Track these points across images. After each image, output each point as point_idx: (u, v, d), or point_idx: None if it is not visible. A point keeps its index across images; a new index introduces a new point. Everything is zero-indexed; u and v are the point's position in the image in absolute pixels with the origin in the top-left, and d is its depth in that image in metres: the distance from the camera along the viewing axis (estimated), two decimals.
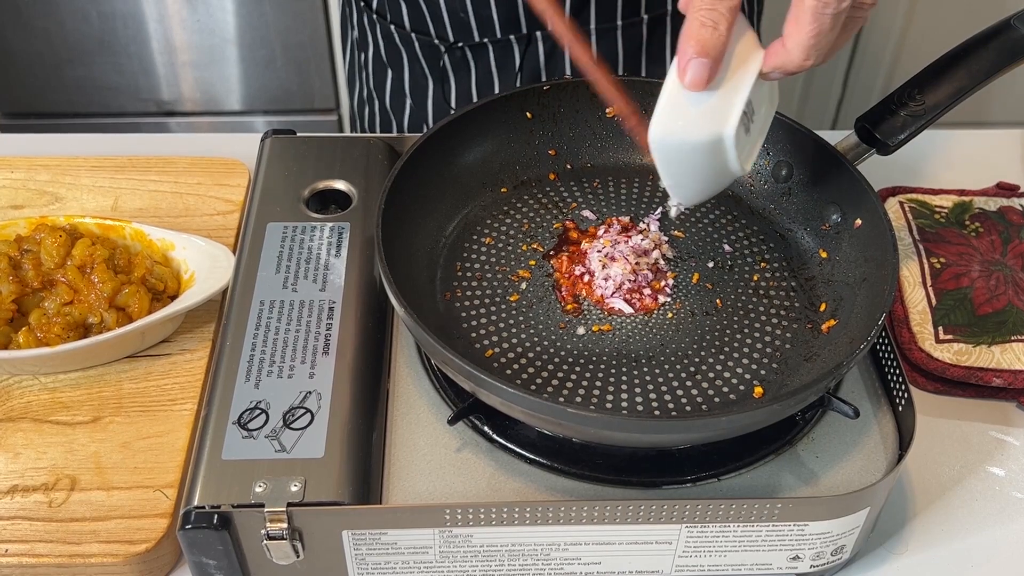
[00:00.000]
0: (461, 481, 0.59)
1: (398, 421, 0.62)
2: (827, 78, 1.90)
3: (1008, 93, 1.87)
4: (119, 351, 0.69)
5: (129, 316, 0.69)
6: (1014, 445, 0.69)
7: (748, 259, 0.70)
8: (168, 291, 0.71)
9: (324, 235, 0.70)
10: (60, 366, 0.68)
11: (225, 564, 0.56)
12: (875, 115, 0.68)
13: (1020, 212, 0.81)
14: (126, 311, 0.69)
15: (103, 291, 0.68)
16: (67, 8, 1.73)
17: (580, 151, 0.77)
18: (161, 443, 0.64)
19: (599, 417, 0.55)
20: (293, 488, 0.55)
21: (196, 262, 0.72)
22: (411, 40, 0.95)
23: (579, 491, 0.59)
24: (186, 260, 0.73)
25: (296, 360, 0.62)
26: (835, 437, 0.62)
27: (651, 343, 0.64)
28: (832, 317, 0.65)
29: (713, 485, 0.59)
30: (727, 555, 0.58)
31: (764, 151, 0.74)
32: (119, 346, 0.68)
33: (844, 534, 0.58)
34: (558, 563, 0.58)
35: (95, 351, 0.67)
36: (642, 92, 0.75)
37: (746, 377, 0.62)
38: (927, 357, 0.70)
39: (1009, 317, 0.72)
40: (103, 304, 0.68)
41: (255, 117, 1.90)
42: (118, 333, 0.66)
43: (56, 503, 0.61)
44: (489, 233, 0.71)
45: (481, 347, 0.63)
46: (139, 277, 0.70)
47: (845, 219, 0.69)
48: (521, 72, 0.94)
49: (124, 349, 0.69)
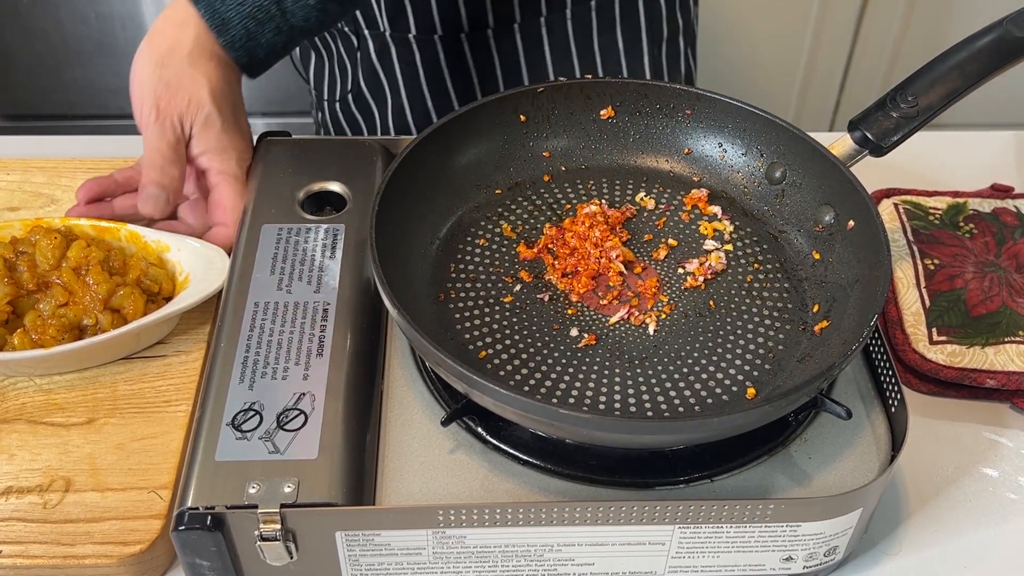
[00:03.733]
0: (454, 482, 0.59)
1: (392, 422, 0.62)
2: (824, 80, 1.90)
3: (1002, 95, 1.87)
4: (114, 352, 0.69)
5: (124, 318, 0.69)
6: (1007, 446, 0.69)
7: (741, 260, 0.70)
8: (163, 293, 0.72)
9: (319, 237, 0.70)
10: (55, 368, 0.68)
11: (219, 565, 0.56)
12: (868, 117, 0.68)
13: (1014, 213, 0.81)
14: (121, 313, 0.69)
15: (98, 293, 0.68)
16: (66, 10, 1.73)
17: (574, 153, 0.77)
18: (155, 444, 0.64)
19: (592, 418, 0.55)
20: (286, 489, 0.55)
21: (191, 264, 0.72)
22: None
23: (572, 492, 0.59)
24: (181, 262, 0.73)
25: (290, 361, 0.62)
26: (828, 438, 0.62)
27: (644, 344, 0.64)
28: (825, 318, 0.65)
29: (706, 486, 0.59)
30: (720, 556, 0.58)
31: (758, 152, 0.74)
32: (114, 348, 0.68)
33: (837, 535, 0.58)
34: (551, 564, 0.58)
35: (90, 352, 0.67)
36: (636, 94, 0.76)
37: (739, 378, 0.62)
38: (921, 358, 0.70)
39: (1003, 319, 0.72)
40: (98, 306, 0.68)
41: (253, 119, 1.88)
42: (113, 335, 0.66)
43: (51, 504, 0.61)
44: (483, 235, 0.71)
45: (474, 348, 0.63)
46: (134, 279, 0.70)
47: (838, 220, 0.69)
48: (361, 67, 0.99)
49: (119, 350, 0.69)
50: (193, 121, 0.73)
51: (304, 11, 0.73)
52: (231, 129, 0.75)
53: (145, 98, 0.73)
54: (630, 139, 0.77)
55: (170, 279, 0.73)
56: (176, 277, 0.73)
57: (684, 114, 0.76)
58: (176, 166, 0.73)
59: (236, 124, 0.76)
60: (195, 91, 0.73)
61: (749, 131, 0.74)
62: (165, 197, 0.73)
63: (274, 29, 0.73)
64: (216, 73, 0.74)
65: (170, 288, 0.72)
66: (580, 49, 0.96)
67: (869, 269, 0.64)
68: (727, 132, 0.75)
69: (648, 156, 0.77)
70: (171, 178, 0.73)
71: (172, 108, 0.73)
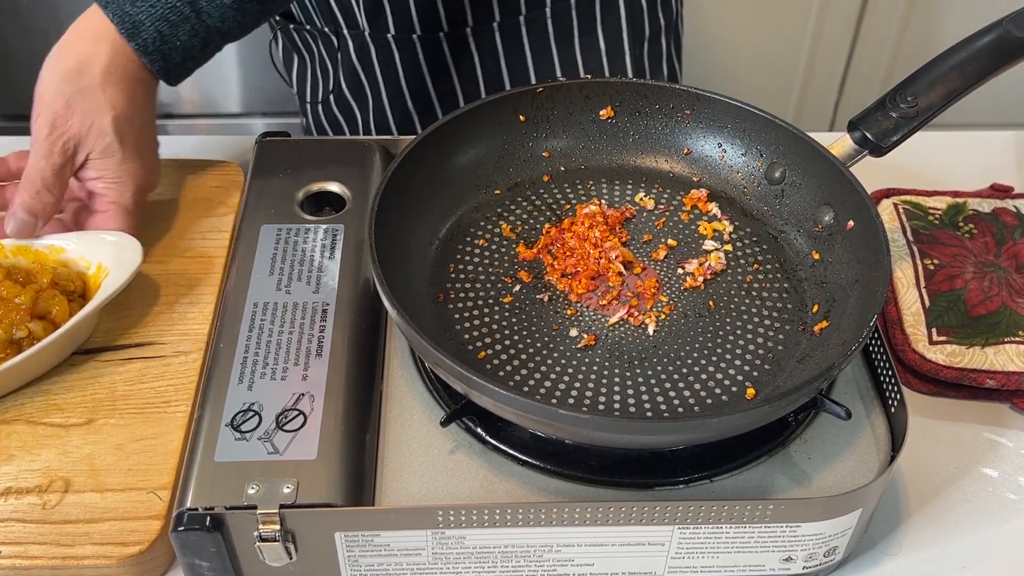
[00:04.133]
0: (454, 482, 0.59)
1: (391, 423, 0.62)
2: (824, 80, 1.90)
3: (1002, 95, 1.86)
4: (58, 355, 0.68)
5: (54, 322, 0.68)
6: (1007, 446, 0.69)
7: (741, 261, 0.70)
8: (78, 291, 0.71)
9: (318, 237, 0.70)
10: (3, 387, 0.67)
11: (218, 566, 0.56)
12: (868, 117, 0.68)
13: (1014, 213, 0.81)
14: (49, 318, 0.68)
15: (22, 303, 0.67)
16: (66, 10, 1.73)
17: (573, 153, 0.77)
18: (155, 445, 0.64)
19: (591, 419, 0.55)
20: (286, 490, 0.55)
21: (96, 253, 0.71)
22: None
23: (572, 492, 0.59)
24: (84, 256, 0.72)
25: (289, 362, 0.62)
26: (827, 438, 0.62)
27: (643, 345, 0.64)
28: (824, 318, 0.65)
29: (706, 486, 0.59)
30: (720, 556, 0.58)
31: (758, 153, 0.74)
32: (56, 352, 0.67)
33: (837, 535, 0.58)
34: (551, 564, 0.58)
35: (38, 360, 0.66)
36: (635, 95, 0.76)
37: (738, 378, 0.62)
38: (920, 359, 0.70)
39: (1003, 319, 0.72)
40: (25, 317, 0.67)
41: (253, 119, 1.90)
42: (55, 337, 0.65)
43: (50, 505, 0.61)
44: (482, 235, 0.71)
45: (474, 349, 0.63)
46: (49, 282, 0.69)
47: (838, 221, 0.69)
48: (343, 66, 0.98)
49: (62, 353, 0.68)
50: (91, 150, 0.71)
51: (220, 11, 0.70)
52: (131, 158, 0.72)
53: (43, 111, 0.70)
54: (629, 139, 0.77)
55: (79, 276, 0.71)
56: (86, 272, 0.72)
57: (684, 114, 0.76)
58: (53, 193, 0.70)
59: (138, 153, 0.73)
60: (97, 118, 0.70)
61: (749, 131, 0.74)
62: (33, 224, 0.70)
63: (189, 31, 0.70)
64: (124, 98, 0.71)
65: (82, 285, 0.71)
66: (560, 49, 0.96)
67: (869, 269, 0.64)
68: (727, 132, 0.75)
69: (647, 156, 0.77)
70: (44, 205, 0.70)
71: (68, 130, 0.70)
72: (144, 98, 0.73)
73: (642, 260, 0.70)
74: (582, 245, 0.69)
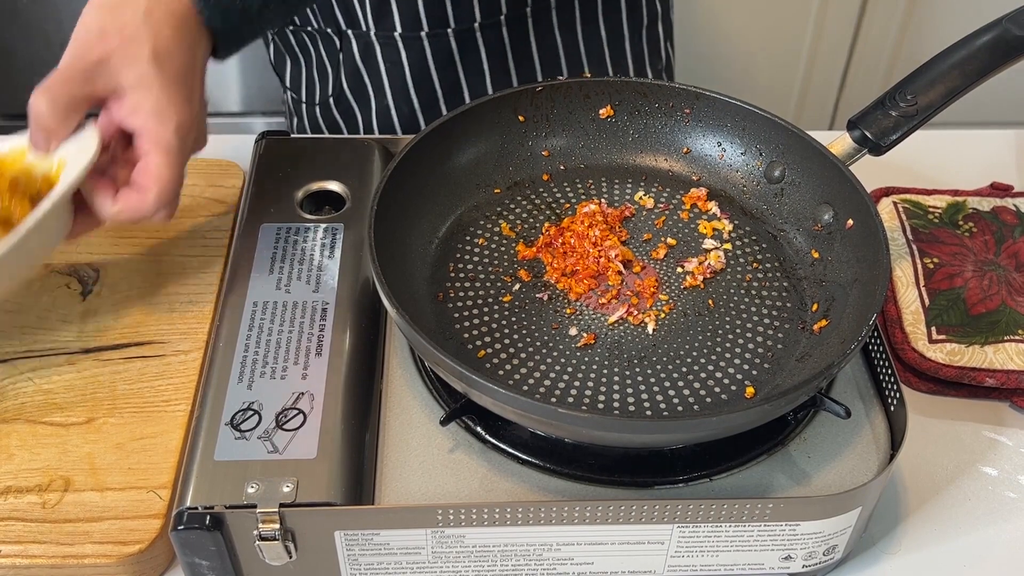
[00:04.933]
0: (454, 481, 0.59)
1: (391, 422, 0.62)
2: (824, 80, 1.90)
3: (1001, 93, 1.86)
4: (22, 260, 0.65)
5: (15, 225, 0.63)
6: (1007, 445, 0.69)
7: (740, 259, 0.70)
8: (43, 192, 0.66)
9: (318, 236, 0.70)
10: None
11: (218, 565, 0.56)
12: (868, 116, 0.68)
13: (1013, 212, 0.81)
14: (11, 222, 0.64)
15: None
16: (66, 10, 1.73)
17: (573, 152, 0.77)
18: (155, 444, 0.64)
19: (591, 417, 0.55)
20: (285, 489, 0.55)
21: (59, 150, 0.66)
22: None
23: (571, 491, 0.59)
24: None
25: (289, 361, 0.62)
26: (827, 437, 0.62)
27: (643, 343, 0.64)
28: (824, 317, 0.65)
29: (705, 485, 0.59)
30: (719, 555, 0.58)
31: (757, 151, 0.74)
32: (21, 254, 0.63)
33: (836, 534, 0.58)
34: (550, 563, 0.58)
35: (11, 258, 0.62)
36: (635, 93, 0.76)
37: (738, 377, 0.62)
38: (920, 357, 0.70)
39: (1002, 317, 0.72)
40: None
41: (254, 119, 1.90)
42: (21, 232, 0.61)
43: (50, 504, 0.61)
44: (482, 234, 0.71)
45: (473, 348, 0.63)
46: (8, 185, 0.65)
47: (837, 219, 0.69)
48: (345, 66, 0.97)
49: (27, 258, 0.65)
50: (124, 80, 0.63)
51: None
52: (172, 92, 0.64)
53: (72, 41, 0.64)
54: (629, 138, 0.77)
55: (45, 179, 0.67)
56: (49, 172, 0.67)
57: (683, 113, 0.76)
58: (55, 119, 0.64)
59: (181, 91, 0.65)
60: (135, 48, 0.63)
61: (748, 130, 0.74)
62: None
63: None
64: (168, 33, 0.64)
65: (48, 187, 0.66)
66: (565, 40, 0.96)
67: (868, 268, 0.64)
68: (726, 131, 0.75)
69: (647, 155, 0.77)
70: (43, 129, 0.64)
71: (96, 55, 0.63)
72: (190, 41, 0.66)
73: (642, 259, 0.70)
74: (582, 244, 0.69)
